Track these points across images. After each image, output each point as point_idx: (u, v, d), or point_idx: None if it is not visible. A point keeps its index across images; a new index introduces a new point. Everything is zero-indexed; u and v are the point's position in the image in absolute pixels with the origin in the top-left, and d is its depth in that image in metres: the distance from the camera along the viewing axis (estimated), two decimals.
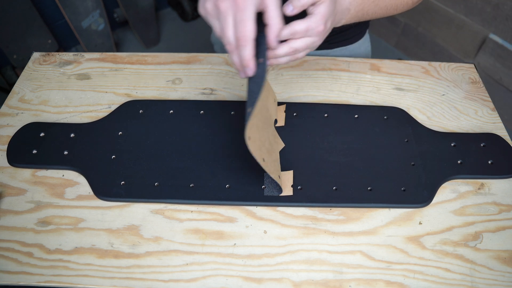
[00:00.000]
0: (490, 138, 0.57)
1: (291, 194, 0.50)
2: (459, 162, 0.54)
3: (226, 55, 0.69)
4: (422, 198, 0.50)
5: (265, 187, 0.51)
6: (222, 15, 0.40)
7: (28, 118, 0.59)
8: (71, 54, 0.69)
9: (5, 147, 0.55)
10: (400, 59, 0.70)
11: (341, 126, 0.58)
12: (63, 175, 0.52)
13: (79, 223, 0.48)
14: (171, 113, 0.59)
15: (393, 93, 0.64)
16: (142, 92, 0.63)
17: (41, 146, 0.54)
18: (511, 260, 0.45)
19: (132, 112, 0.59)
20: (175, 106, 0.60)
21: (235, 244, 0.46)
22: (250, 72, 0.43)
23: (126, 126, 0.57)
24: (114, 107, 0.60)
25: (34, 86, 0.64)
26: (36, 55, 0.68)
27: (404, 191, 0.51)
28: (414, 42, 1.76)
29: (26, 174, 0.52)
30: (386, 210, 0.50)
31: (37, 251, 0.45)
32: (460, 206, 0.50)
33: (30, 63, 0.67)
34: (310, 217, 0.49)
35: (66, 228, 0.47)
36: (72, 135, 0.56)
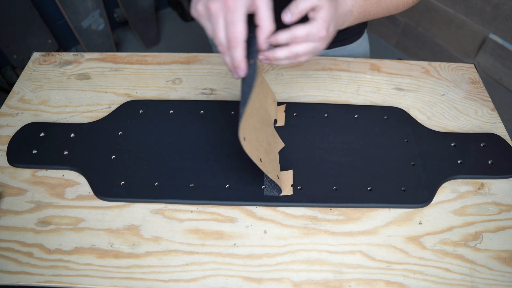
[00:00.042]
0: (490, 138, 0.57)
1: (291, 194, 0.50)
2: (459, 162, 0.54)
3: None
4: (422, 198, 0.50)
5: (265, 187, 0.51)
6: (213, 17, 0.40)
7: (28, 118, 0.59)
8: (71, 54, 0.69)
9: (5, 147, 0.55)
10: (400, 59, 0.70)
11: (341, 126, 0.58)
12: (63, 175, 0.52)
13: (79, 223, 0.48)
14: (171, 113, 0.59)
15: (393, 93, 0.64)
16: (142, 92, 0.63)
17: (41, 146, 0.54)
18: (511, 260, 0.45)
19: (132, 112, 0.59)
20: (175, 106, 0.60)
21: (235, 244, 0.46)
22: (241, 73, 0.43)
23: (126, 126, 0.57)
24: (114, 107, 0.60)
25: (34, 86, 0.64)
26: (36, 55, 0.68)
27: (404, 191, 0.51)
28: (414, 42, 1.76)
29: (26, 174, 0.52)
30: (386, 210, 0.50)
31: (37, 251, 0.45)
32: (460, 206, 0.50)
33: (30, 63, 0.67)
34: (310, 217, 0.49)
35: (66, 228, 0.47)
36: (72, 135, 0.56)
